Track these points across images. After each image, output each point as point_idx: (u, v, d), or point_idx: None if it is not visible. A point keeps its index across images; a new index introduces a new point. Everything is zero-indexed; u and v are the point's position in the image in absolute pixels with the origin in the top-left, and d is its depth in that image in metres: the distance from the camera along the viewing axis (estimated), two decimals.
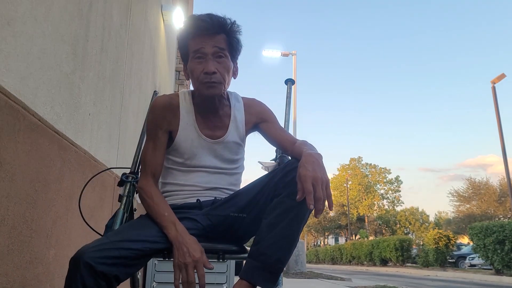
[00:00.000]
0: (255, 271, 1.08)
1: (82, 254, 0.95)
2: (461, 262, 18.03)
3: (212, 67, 1.24)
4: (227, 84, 1.31)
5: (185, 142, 1.32)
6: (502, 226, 10.02)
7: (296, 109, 11.95)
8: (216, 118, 1.35)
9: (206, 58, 1.25)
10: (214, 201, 1.30)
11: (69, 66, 1.65)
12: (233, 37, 1.30)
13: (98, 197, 2.12)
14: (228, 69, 1.29)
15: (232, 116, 1.37)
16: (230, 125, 1.36)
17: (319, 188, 1.02)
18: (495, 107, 13.67)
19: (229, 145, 1.35)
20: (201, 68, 1.25)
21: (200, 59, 1.26)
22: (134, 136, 3.01)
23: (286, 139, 1.35)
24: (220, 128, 1.35)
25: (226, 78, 1.29)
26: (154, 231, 1.13)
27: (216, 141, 1.34)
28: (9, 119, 1.19)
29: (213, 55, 1.26)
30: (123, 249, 1.01)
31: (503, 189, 29.76)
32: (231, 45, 1.30)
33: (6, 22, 1.16)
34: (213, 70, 1.24)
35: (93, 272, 0.94)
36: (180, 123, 1.32)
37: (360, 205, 43.33)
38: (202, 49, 1.25)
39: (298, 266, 8.66)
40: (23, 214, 1.29)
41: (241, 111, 1.39)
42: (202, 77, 1.25)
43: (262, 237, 1.11)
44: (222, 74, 1.27)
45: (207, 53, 1.25)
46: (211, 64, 1.24)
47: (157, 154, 1.31)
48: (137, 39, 3.10)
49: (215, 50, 1.26)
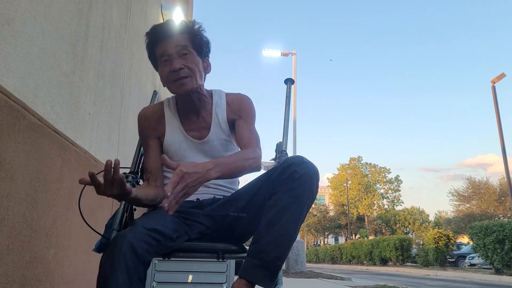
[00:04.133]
0: (254, 269, 1.08)
1: (126, 236, 1.00)
2: (461, 262, 18.02)
3: (177, 64, 1.27)
4: (199, 78, 1.33)
5: (173, 146, 1.36)
6: (502, 225, 10.01)
7: (296, 109, 11.95)
8: (200, 119, 1.38)
9: (171, 58, 1.29)
10: (214, 200, 1.31)
11: (69, 65, 1.65)
12: (195, 34, 1.32)
13: (98, 197, 2.11)
14: (195, 63, 1.31)
15: (213, 114, 1.39)
16: (213, 123, 1.38)
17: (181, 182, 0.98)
18: (495, 106, 13.67)
19: (215, 143, 1.37)
20: (168, 68, 1.29)
21: (166, 62, 1.30)
22: (134, 136, 3.01)
23: (242, 141, 1.34)
24: (204, 128, 1.38)
25: (196, 72, 1.31)
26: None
27: (202, 141, 1.37)
28: (9, 118, 1.19)
29: (178, 54, 1.29)
30: (157, 233, 1.07)
31: (503, 188, 29.74)
32: (194, 42, 1.32)
33: (6, 22, 1.16)
34: (178, 67, 1.27)
35: (134, 253, 0.98)
36: (166, 128, 1.38)
37: (360, 204, 43.31)
38: (166, 51, 1.29)
39: (298, 266, 8.65)
40: (23, 214, 1.29)
41: (223, 108, 1.40)
42: (171, 76, 1.29)
43: (261, 235, 1.11)
44: (190, 67, 1.29)
45: (171, 53, 1.29)
46: (176, 61, 1.28)
47: (152, 161, 1.37)
48: (137, 38, 3.10)
49: (178, 49, 1.29)
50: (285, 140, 1.54)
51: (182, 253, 1.22)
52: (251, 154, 1.25)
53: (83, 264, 1.91)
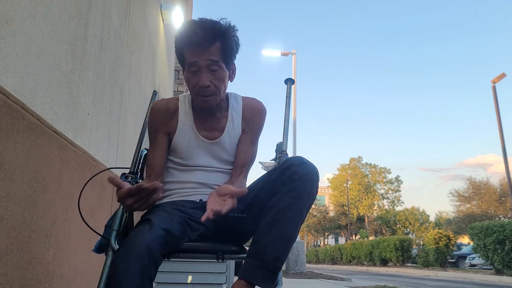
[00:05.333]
0: (254, 270, 1.07)
1: (145, 238, 0.99)
2: (461, 262, 18.01)
3: (206, 80, 1.26)
4: (223, 91, 1.33)
5: (182, 143, 1.36)
6: (502, 226, 10.00)
7: (296, 109, 11.95)
8: (214, 120, 1.38)
9: (200, 71, 1.27)
10: None
11: (68, 65, 1.65)
12: (228, 44, 1.29)
13: (97, 197, 2.12)
14: (223, 79, 1.30)
15: (229, 116, 1.39)
16: (227, 126, 1.38)
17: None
18: (495, 106, 13.67)
19: (226, 145, 1.37)
20: (195, 80, 1.28)
21: (194, 72, 1.28)
22: (133, 136, 3.00)
23: (238, 159, 1.37)
24: (217, 129, 1.38)
25: (221, 87, 1.31)
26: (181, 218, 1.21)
27: (213, 141, 1.36)
28: (8, 118, 1.19)
29: (207, 68, 1.27)
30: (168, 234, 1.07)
31: (503, 188, 29.73)
32: (226, 54, 1.29)
33: (5, 22, 1.15)
34: (207, 84, 1.26)
35: (150, 255, 0.98)
36: (178, 124, 1.37)
37: (360, 205, 43.28)
38: (196, 62, 1.27)
39: (298, 266, 8.65)
40: (22, 214, 1.29)
41: (239, 112, 1.41)
42: (197, 89, 1.28)
43: (261, 236, 1.11)
44: (217, 85, 1.29)
45: (201, 65, 1.27)
46: (205, 77, 1.27)
47: (157, 156, 1.36)
48: (136, 38, 3.10)
49: (209, 63, 1.27)
50: (285, 140, 1.53)
51: (182, 253, 1.21)
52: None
53: (83, 265, 1.90)
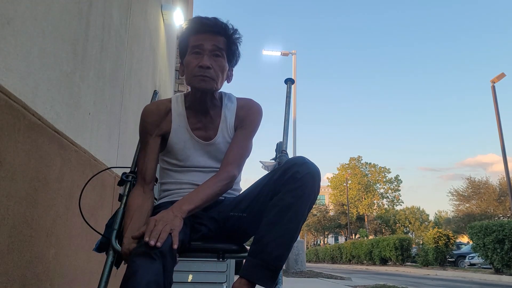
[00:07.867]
0: (254, 269, 1.08)
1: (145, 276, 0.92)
2: (461, 261, 18.02)
3: (207, 62, 1.27)
4: (220, 83, 1.33)
5: (178, 144, 1.35)
6: (501, 225, 10.01)
7: (296, 109, 11.96)
8: (207, 119, 1.37)
9: (203, 54, 1.28)
10: (217, 202, 1.31)
11: (69, 65, 1.65)
12: (234, 42, 1.34)
13: (98, 197, 2.12)
14: (222, 68, 1.31)
15: (222, 116, 1.38)
16: (221, 126, 1.37)
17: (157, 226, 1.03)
18: (494, 106, 13.67)
19: (221, 146, 1.36)
20: (196, 62, 1.28)
21: (197, 54, 1.29)
22: (134, 136, 3.01)
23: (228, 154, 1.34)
24: (211, 128, 1.37)
25: (220, 76, 1.31)
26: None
27: (208, 142, 1.35)
28: (9, 118, 1.19)
29: (211, 52, 1.29)
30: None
31: (502, 188, 29.74)
32: (230, 48, 1.33)
33: (6, 21, 1.16)
34: (207, 65, 1.27)
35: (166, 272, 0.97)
36: (172, 125, 1.35)
37: (359, 204, 43.30)
38: (201, 45, 1.29)
39: (297, 265, 8.66)
40: (23, 214, 1.29)
41: (233, 111, 1.39)
42: (196, 71, 1.28)
43: (262, 235, 1.11)
44: (216, 71, 1.29)
45: (205, 49, 1.28)
46: (207, 59, 1.28)
47: (147, 160, 1.34)
48: (137, 38, 3.10)
49: (214, 47, 1.29)
50: (285, 140, 1.54)
51: (183, 252, 1.22)
52: (224, 177, 1.26)
53: (84, 264, 1.91)
